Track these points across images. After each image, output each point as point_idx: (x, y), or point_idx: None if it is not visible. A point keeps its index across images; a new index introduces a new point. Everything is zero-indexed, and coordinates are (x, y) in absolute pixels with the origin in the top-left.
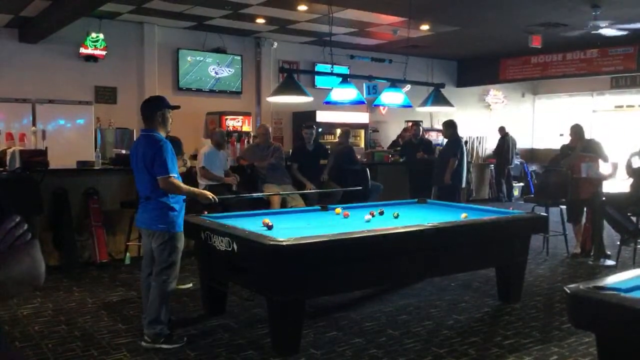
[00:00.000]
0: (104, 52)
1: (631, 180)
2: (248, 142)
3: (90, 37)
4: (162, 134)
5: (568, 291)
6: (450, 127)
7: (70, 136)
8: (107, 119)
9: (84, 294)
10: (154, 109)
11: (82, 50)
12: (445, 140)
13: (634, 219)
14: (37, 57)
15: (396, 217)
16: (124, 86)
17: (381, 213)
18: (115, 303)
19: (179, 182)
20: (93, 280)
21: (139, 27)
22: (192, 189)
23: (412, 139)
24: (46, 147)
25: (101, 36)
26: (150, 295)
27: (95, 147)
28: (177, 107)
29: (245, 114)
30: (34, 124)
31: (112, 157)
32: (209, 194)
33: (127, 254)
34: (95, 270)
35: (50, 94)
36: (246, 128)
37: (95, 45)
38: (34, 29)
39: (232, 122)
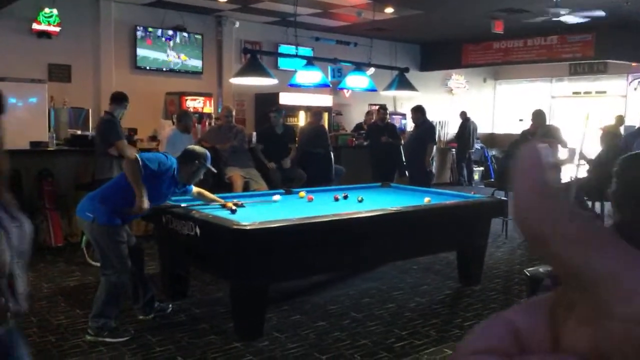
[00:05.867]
0: (57, 29)
1: (587, 166)
2: (209, 124)
3: (43, 12)
4: (180, 178)
5: (528, 274)
6: (420, 112)
7: (22, 116)
8: (61, 98)
9: (40, 278)
10: (194, 158)
11: (35, 26)
12: (413, 125)
13: (589, 203)
14: None
15: (360, 202)
16: (79, 64)
17: (345, 197)
18: (72, 288)
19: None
20: (48, 264)
21: (94, 3)
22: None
23: (379, 123)
24: None
25: (55, 12)
26: (99, 289)
27: (49, 127)
28: (214, 173)
29: (207, 95)
30: None
31: (67, 138)
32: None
33: (84, 238)
34: (50, 255)
35: (0, 71)
36: (207, 109)
37: (48, 21)
38: None
39: (193, 103)
